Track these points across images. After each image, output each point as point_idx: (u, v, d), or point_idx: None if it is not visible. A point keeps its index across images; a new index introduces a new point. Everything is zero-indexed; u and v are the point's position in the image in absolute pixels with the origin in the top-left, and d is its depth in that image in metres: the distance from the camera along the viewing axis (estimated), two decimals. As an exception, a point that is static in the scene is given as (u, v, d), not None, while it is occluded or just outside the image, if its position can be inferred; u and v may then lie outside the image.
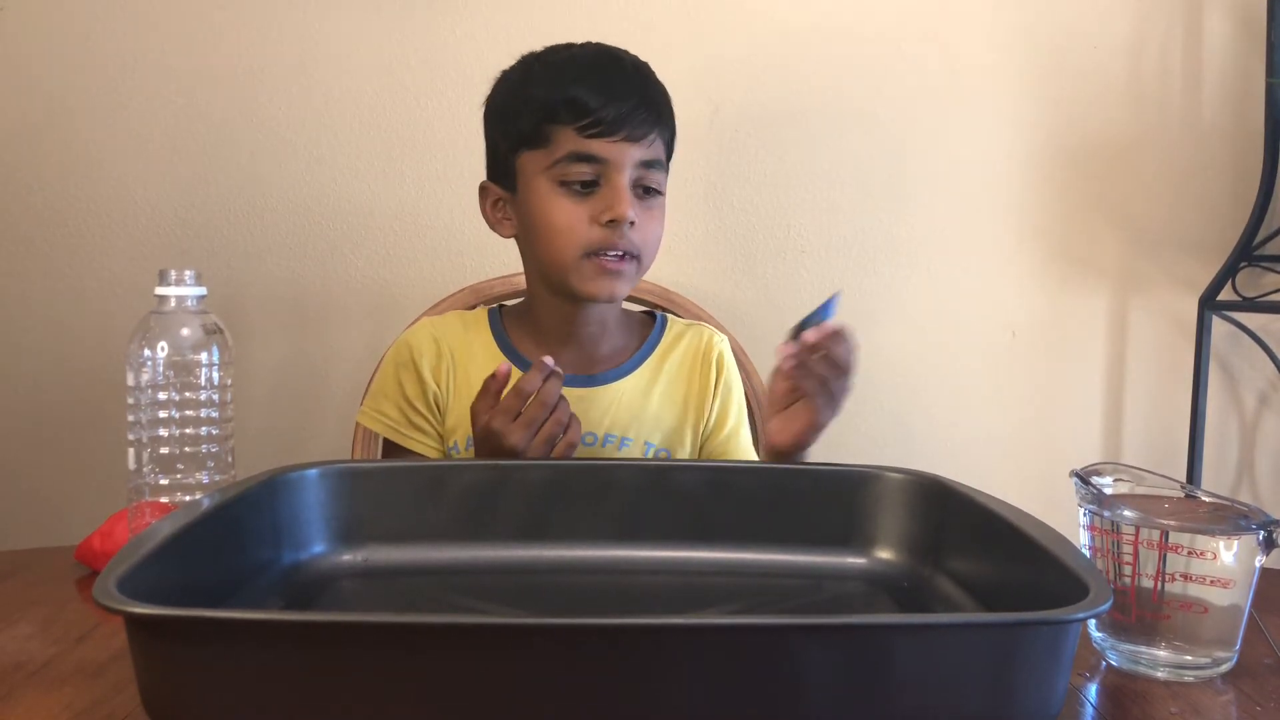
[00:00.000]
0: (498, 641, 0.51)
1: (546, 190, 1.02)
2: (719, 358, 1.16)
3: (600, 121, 0.99)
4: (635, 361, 1.13)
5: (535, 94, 1.03)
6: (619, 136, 1.00)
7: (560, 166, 1.01)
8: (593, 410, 1.09)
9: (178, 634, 0.51)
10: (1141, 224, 1.62)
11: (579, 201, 1.01)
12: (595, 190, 1.01)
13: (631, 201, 1.00)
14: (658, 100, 1.05)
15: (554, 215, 1.01)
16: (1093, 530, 0.70)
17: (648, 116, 1.02)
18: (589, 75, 1.02)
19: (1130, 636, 0.68)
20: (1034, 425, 1.65)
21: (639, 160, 1.01)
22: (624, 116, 1.00)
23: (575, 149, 1.00)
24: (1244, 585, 0.66)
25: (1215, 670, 0.66)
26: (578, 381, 1.09)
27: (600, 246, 1.01)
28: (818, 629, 0.53)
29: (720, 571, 0.80)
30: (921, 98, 1.59)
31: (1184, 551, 0.65)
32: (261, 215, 1.56)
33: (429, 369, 1.10)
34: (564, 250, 1.02)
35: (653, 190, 1.04)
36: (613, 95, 1.00)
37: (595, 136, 1.00)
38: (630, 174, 1.01)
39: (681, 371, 1.14)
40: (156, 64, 1.54)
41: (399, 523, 0.80)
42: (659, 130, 1.04)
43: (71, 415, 1.57)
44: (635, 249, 1.02)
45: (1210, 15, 1.59)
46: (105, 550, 0.84)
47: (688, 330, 1.17)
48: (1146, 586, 0.66)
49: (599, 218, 1.00)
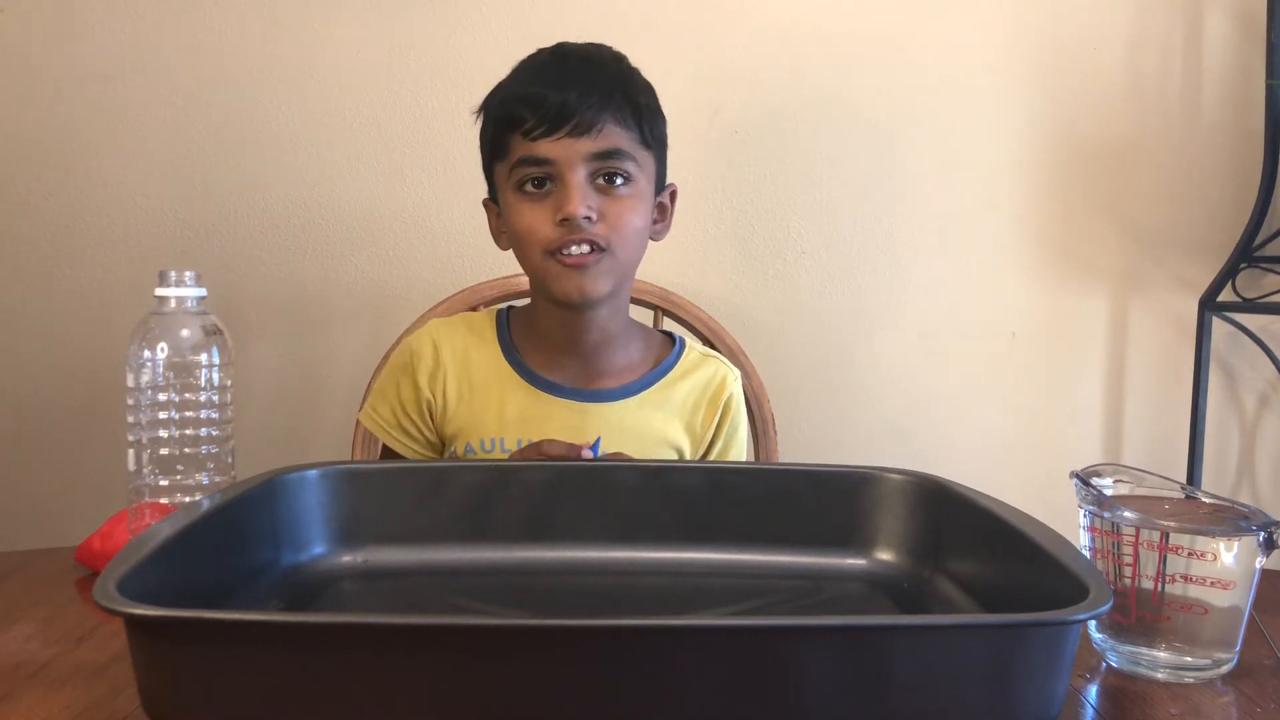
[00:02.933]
0: (498, 643, 0.51)
1: (512, 198, 1.03)
2: (729, 399, 1.14)
3: (542, 122, 0.99)
4: (643, 384, 1.11)
5: (494, 106, 1.05)
6: (561, 134, 0.99)
7: (517, 172, 1.02)
8: (586, 427, 1.07)
9: (178, 635, 0.51)
10: (1142, 225, 1.62)
11: (537, 203, 1.01)
12: (550, 190, 1.01)
13: (584, 196, 0.99)
14: (607, 88, 1.03)
15: (517, 221, 1.02)
16: (1093, 531, 0.70)
17: (592, 106, 1.00)
18: (533, 79, 1.03)
19: (1131, 638, 0.68)
20: (1034, 426, 1.65)
21: (590, 153, 1.00)
22: (566, 113, 0.99)
23: (524, 154, 1.01)
24: (1244, 587, 0.66)
25: (1215, 672, 0.66)
26: (578, 395, 1.09)
27: (557, 244, 1.00)
28: (818, 630, 0.53)
29: (720, 573, 0.80)
30: (921, 99, 1.59)
31: (1184, 553, 0.65)
32: (261, 216, 1.56)
33: (425, 376, 1.10)
34: (531, 254, 1.02)
35: (619, 179, 1.02)
36: (553, 93, 1.00)
37: (540, 138, 1.00)
38: (584, 169, 1.00)
39: (688, 402, 1.12)
40: (157, 65, 1.54)
41: (399, 524, 0.80)
42: (612, 116, 1.02)
43: (71, 416, 1.57)
44: (602, 240, 1.01)
45: (1210, 16, 1.59)
46: (105, 551, 0.84)
47: (703, 361, 1.15)
48: (1147, 588, 0.66)
49: (554, 217, 1.00)
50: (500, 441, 1.08)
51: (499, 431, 1.08)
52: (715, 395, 1.13)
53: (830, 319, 1.61)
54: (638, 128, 1.05)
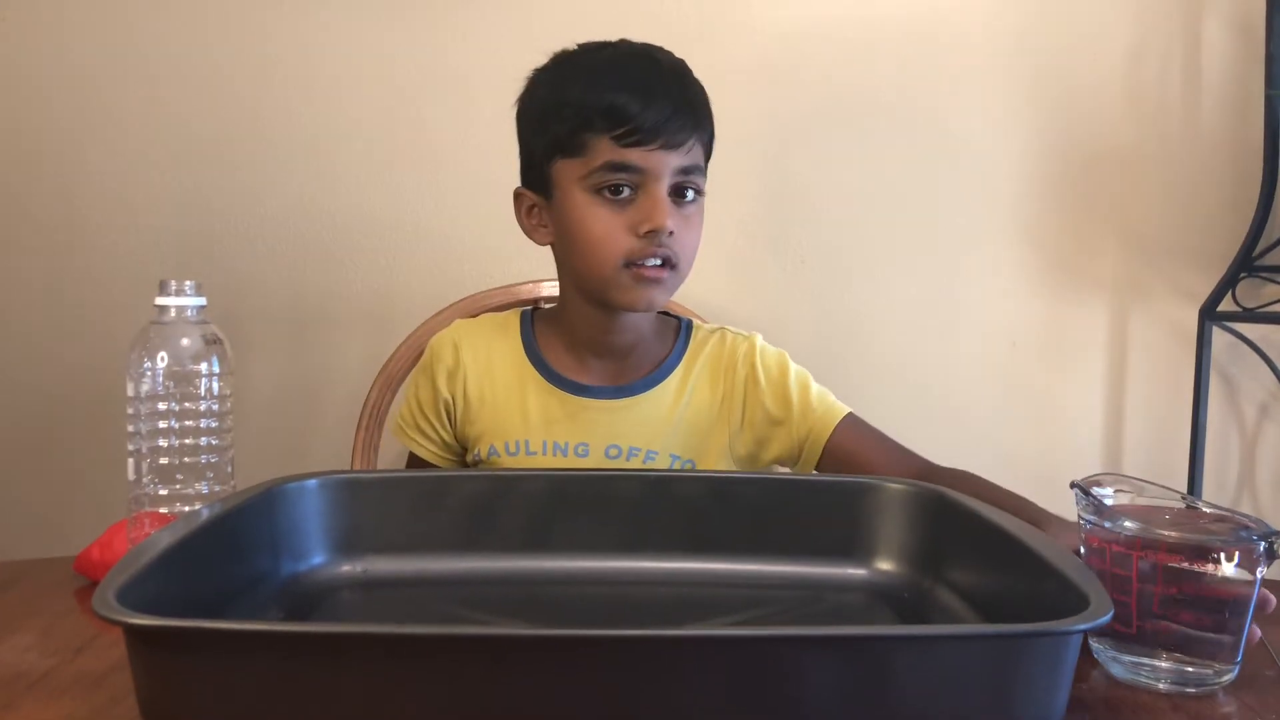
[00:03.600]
0: (498, 653, 0.50)
1: (583, 200, 1.00)
2: (743, 357, 1.11)
3: (637, 130, 0.97)
4: (664, 371, 1.10)
5: (570, 99, 1.00)
6: (656, 145, 0.98)
7: (597, 176, 0.99)
8: (623, 424, 1.07)
9: (177, 645, 0.51)
10: (1141, 234, 1.62)
11: (616, 211, 0.99)
12: (632, 199, 0.99)
13: (670, 210, 0.99)
14: (696, 103, 1.03)
15: (591, 226, 1.00)
16: (1093, 541, 0.70)
17: (686, 122, 0.99)
18: (625, 80, 0.99)
19: (1132, 648, 0.67)
20: (1034, 436, 1.64)
21: (677, 167, 1.00)
22: (661, 124, 0.97)
23: (612, 159, 0.98)
24: (1245, 597, 0.66)
25: (1217, 682, 0.66)
26: (606, 393, 1.08)
27: (638, 256, 0.99)
28: (818, 640, 0.53)
29: (720, 582, 0.80)
30: (921, 107, 1.59)
31: (1185, 562, 0.65)
32: (261, 225, 1.57)
33: (444, 377, 1.10)
34: (603, 262, 1.00)
35: (691, 195, 1.02)
36: (649, 102, 0.97)
37: (632, 146, 0.98)
38: (668, 181, 0.99)
39: (706, 380, 1.11)
40: (156, 75, 1.55)
41: (399, 533, 0.80)
42: (698, 134, 1.02)
43: (71, 425, 1.57)
44: (674, 256, 1.00)
45: (1210, 26, 1.59)
46: (104, 561, 0.84)
47: (711, 337, 1.14)
48: (1148, 598, 0.66)
49: (637, 228, 0.98)
50: (525, 444, 1.07)
51: (524, 433, 1.08)
52: (730, 365, 1.11)
53: (828, 328, 1.61)
54: (706, 145, 1.05)
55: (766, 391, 1.10)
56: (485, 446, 1.09)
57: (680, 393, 1.10)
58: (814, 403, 1.09)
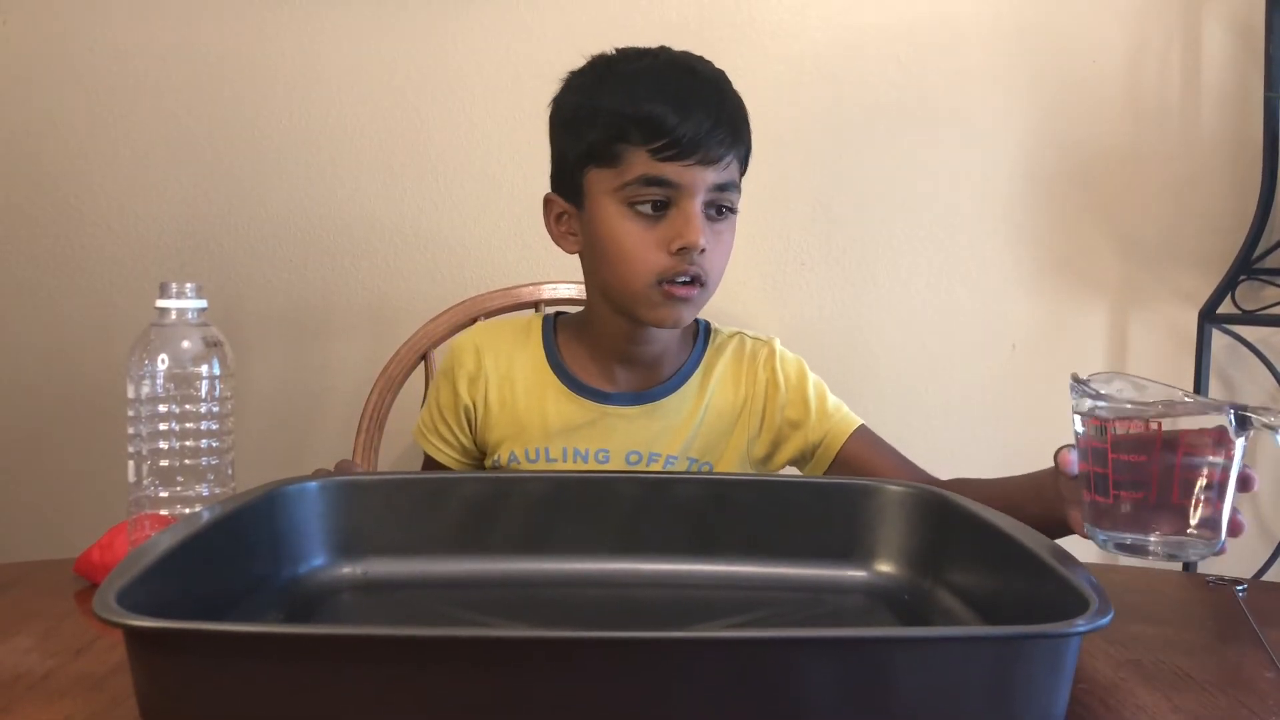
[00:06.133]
0: (498, 655, 0.50)
1: (615, 212, 0.98)
2: (763, 363, 1.11)
3: (675, 144, 0.95)
4: (683, 375, 1.10)
5: (606, 108, 0.98)
6: (693, 160, 0.96)
7: (631, 189, 0.97)
8: (643, 431, 1.07)
9: (177, 647, 0.51)
10: (1141, 237, 1.62)
11: (649, 226, 0.97)
12: (666, 214, 0.97)
13: (703, 228, 0.96)
14: (735, 118, 1.01)
15: (623, 240, 0.98)
16: (1086, 425, 0.73)
17: (724, 137, 0.97)
18: (664, 92, 0.97)
19: (1117, 522, 0.69)
20: (1034, 438, 1.64)
21: (713, 184, 0.98)
22: (699, 139, 0.95)
23: (647, 172, 0.96)
24: (1225, 468, 0.71)
25: (1206, 551, 0.68)
26: (627, 400, 1.08)
27: (669, 274, 0.97)
28: (818, 642, 0.53)
29: (720, 584, 0.80)
30: (920, 111, 1.59)
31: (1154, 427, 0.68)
32: (262, 228, 1.57)
33: (465, 382, 1.09)
34: (633, 278, 0.98)
35: (725, 211, 1.00)
36: (688, 115, 0.95)
37: (669, 160, 0.96)
38: (702, 198, 0.97)
39: (725, 385, 1.10)
40: (157, 77, 1.55)
41: (399, 535, 0.80)
42: (735, 150, 0.99)
43: (71, 427, 1.57)
44: (704, 275, 0.98)
45: (1209, 28, 1.59)
46: (105, 563, 0.84)
47: (730, 341, 1.13)
48: (1122, 467, 0.68)
49: (669, 244, 0.96)
50: (545, 451, 1.07)
51: (544, 441, 1.07)
52: (751, 369, 1.11)
53: (829, 331, 1.61)
54: (745, 160, 1.03)
55: (786, 397, 1.10)
56: (505, 453, 1.08)
57: (700, 398, 1.09)
58: (830, 410, 1.10)
